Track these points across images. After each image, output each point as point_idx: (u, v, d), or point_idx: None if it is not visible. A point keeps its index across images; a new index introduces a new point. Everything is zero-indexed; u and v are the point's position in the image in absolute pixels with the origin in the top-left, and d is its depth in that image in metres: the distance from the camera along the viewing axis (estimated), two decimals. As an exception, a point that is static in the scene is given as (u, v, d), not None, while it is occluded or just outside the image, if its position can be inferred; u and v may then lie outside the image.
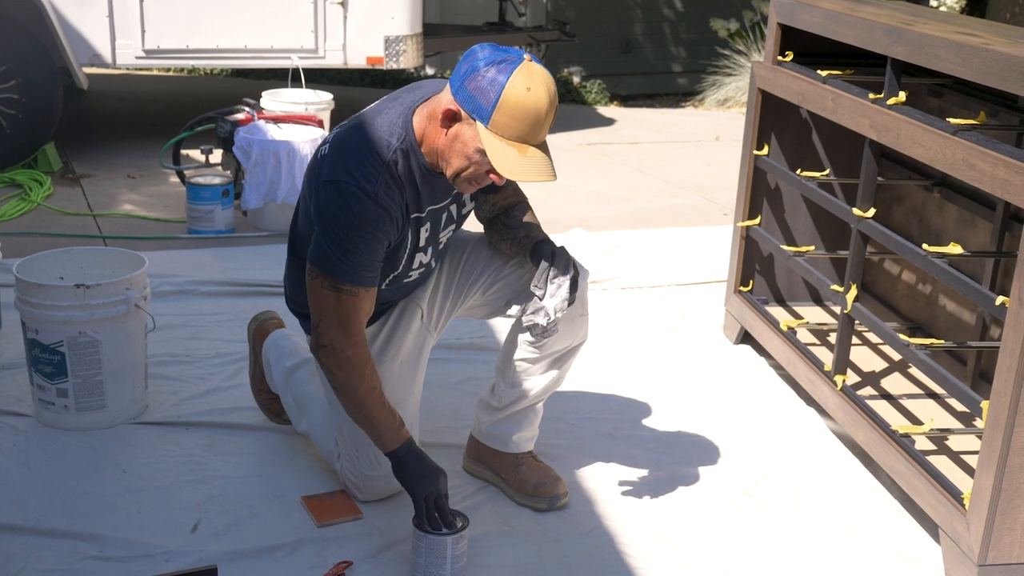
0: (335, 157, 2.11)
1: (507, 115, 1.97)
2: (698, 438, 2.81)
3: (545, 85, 1.98)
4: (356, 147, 2.10)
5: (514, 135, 1.98)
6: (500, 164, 1.99)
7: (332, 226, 2.07)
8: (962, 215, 3.00)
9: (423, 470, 2.15)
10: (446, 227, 2.29)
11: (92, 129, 5.96)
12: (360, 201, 2.05)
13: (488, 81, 1.97)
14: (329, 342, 2.12)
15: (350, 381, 2.13)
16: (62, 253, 2.84)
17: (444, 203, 2.23)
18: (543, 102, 1.97)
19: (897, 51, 2.49)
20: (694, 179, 5.65)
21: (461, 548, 2.13)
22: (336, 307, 2.10)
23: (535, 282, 2.20)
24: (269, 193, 4.23)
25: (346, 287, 2.09)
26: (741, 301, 3.34)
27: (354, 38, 5.45)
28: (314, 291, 2.12)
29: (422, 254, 2.26)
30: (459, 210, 2.30)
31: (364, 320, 2.14)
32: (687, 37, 9.32)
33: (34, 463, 2.53)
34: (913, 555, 2.35)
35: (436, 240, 2.29)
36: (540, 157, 2.01)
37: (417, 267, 2.28)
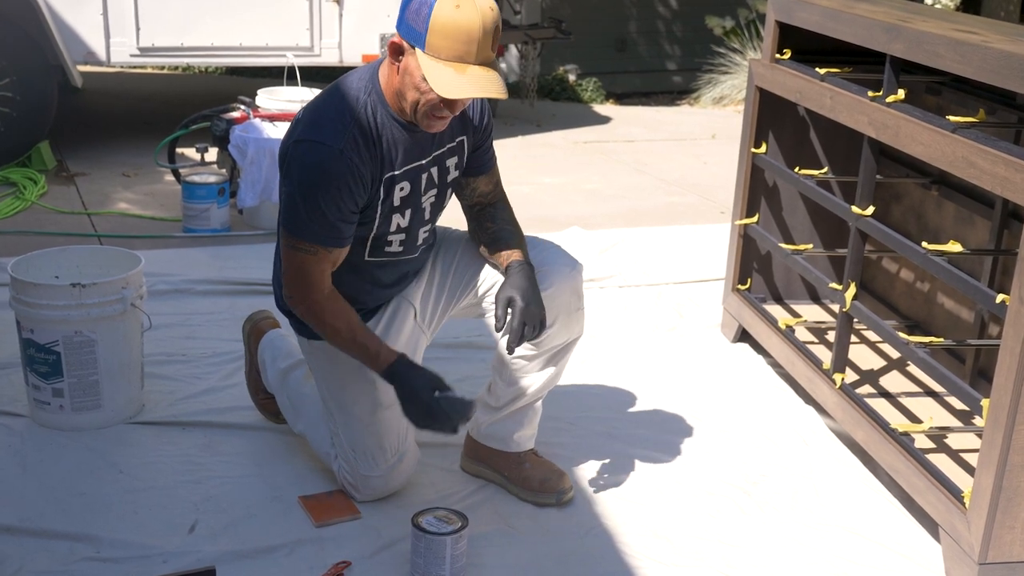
0: (305, 119, 2.13)
1: (439, 35, 1.96)
2: (697, 437, 2.81)
3: (477, 4, 1.96)
4: (326, 106, 2.12)
5: (450, 55, 1.97)
6: (437, 84, 1.98)
7: (296, 185, 2.09)
8: (960, 213, 3.00)
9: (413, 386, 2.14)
10: (428, 191, 2.26)
11: (87, 127, 5.94)
12: (326, 159, 2.06)
13: (419, 4, 1.98)
14: (291, 293, 2.19)
15: (317, 328, 2.20)
16: (57, 252, 2.82)
17: (423, 162, 2.21)
18: (474, 18, 1.95)
19: (896, 48, 2.48)
20: (690, 177, 5.64)
21: (460, 548, 2.12)
22: (296, 263, 2.14)
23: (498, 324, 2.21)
24: (265, 191, 4.22)
25: (304, 245, 2.11)
26: (739, 299, 3.34)
27: (349, 36, 5.44)
28: (282, 246, 2.18)
29: (399, 216, 2.23)
30: (441, 175, 2.27)
31: (321, 276, 2.15)
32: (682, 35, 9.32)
33: (29, 463, 2.51)
34: (913, 553, 2.35)
35: (417, 204, 2.25)
36: (481, 74, 1.98)
37: (396, 231, 2.25)
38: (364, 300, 2.34)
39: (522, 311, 2.18)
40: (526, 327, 2.19)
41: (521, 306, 2.19)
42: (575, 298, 2.33)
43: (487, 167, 2.36)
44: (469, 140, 2.28)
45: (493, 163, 2.38)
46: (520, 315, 2.18)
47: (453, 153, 2.27)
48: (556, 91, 8.18)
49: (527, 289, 2.21)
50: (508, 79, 8.01)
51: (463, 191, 2.37)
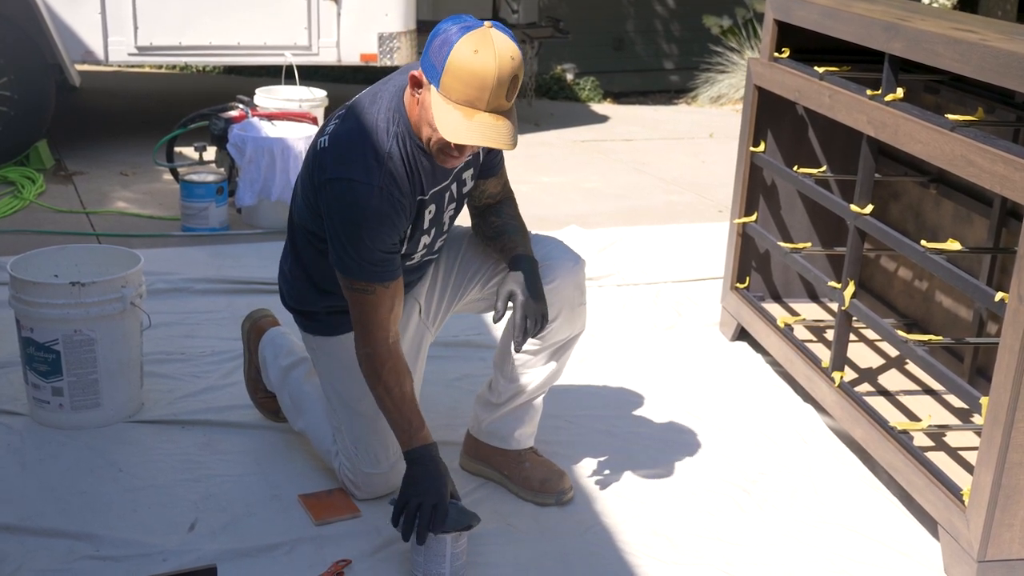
0: (335, 152, 2.09)
1: (453, 77, 1.94)
2: (696, 435, 2.81)
3: (497, 51, 1.93)
4: (355, 140, 2.09)
5: (461, 98, 1.95)
6: (441, 125, 1.96)
7: (339, 225, 2.07)
8: (959, 211, 3.00)
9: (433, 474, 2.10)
10: (448, 206, 2.27)
11: (85, 126, 5.93)
12: (366, 197, 2.04)
13: (440, 44, 1.96)
14: (357, 337, 2.15)
15: (369, 378, 2.15)
16: (56, 251, 2.82)
17: (446, 183, 2.22)
18: (490, 66, 1.93)
19: (895, 47, 2.48)
20: (688, 176, 5.64)
21: (461, 546, 2.12)
22: (356, 305, 2.12)
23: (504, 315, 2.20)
24: (263, 190, 4.21)
25: (359, 284, 2.09)
26: (737, 298, 3.34)
27: (348, 35, 5.43)
28: (343, 289, 2.14)
29: (425, 236, 2.25)
30: (459, 189, 2.28)
31: (384, 316, 2.12)
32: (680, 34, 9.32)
33: (29, 462, 2.51)
34: (912, 551, 2.35)
35: (440, 221, 2.27)
36: (489, 122, 1.96)
37: (421, 249, 2.26)
38: None
39: (523, 305, 2.18)
40: (528, 320, 2.18)
41: (522, 300, 2.18)
42: (578, 293, 2.34)
43: (496, 169, 2.36)
44: (483, 148, 2.28)
45: (502, 164, 2.38)
46: (521, 309, 2.18)
47: (469, 166, 2.28)
48: (554, 90, 8.19)
49: (529, 283, 2.21)
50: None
51: (473, 194, 2.37)
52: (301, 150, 4.22)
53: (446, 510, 2.08)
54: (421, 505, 2.07)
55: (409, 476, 2.12)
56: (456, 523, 2.09)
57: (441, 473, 2.11)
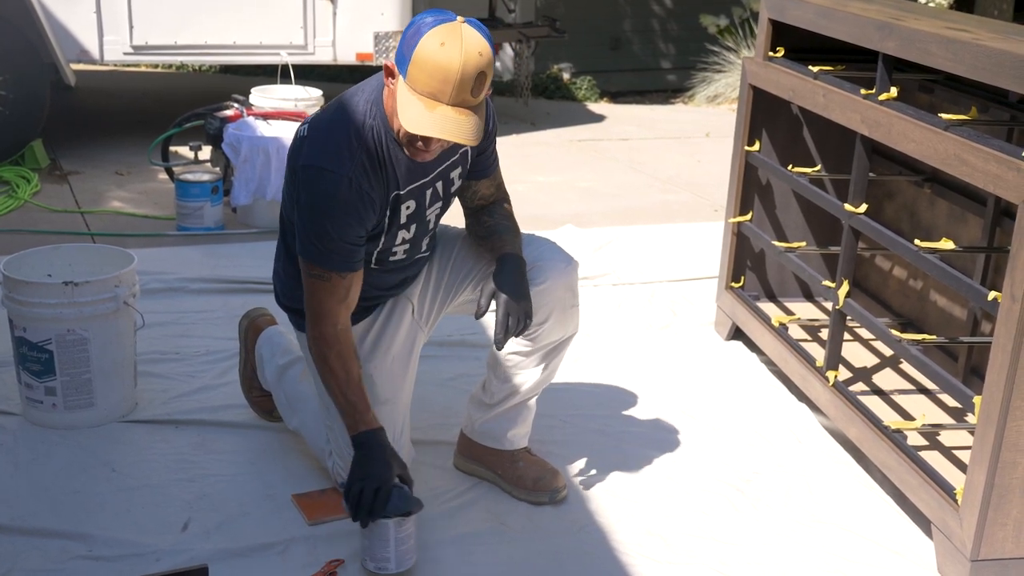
0: (313, 139, 2.11)
1: (418, 68, 1.94)
2: (690, 434, 2.81)
3: (464, 46, 1.92)
4: (331, 129, 2.10)
5: (424, 90, 1.95)
6: (402, 115, 1.97)
7: (307, 211, 2.09)
8: (953, 211, 3.00)
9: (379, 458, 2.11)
10: (432, 204, 2.26)
11: (80, 126, 5.93)
12: (335, 187, 2.05)
13: (412, 34, 1.96)
14: (308, 319, 2.17)
15: (316, 362, 2.17)
16: (50, 250, 2.82)
17: (428, 179, 2.21)
18: (454, 59, 1.92)
19: (888, 46, 2.48)
20: (684, 175, 5.64)
21: (405, 531, 2.11)
22: (311, 289, 2.14)
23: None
24: (258, 189, 4.21)
25: (316, 270, 2.11)
26: (732, 297, 3.34)
27: (343, 34, 5.43)
28: (302, 272, 2.17)
29: (404, 231, 2.24)
30: (446, 187, 2.27)
31: (336, 304, 2.13)
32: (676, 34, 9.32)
33: (22, 462, 2.51)
34: (905, 550, 2.35)
35: (422, 218, 2.26)
36: (451, 115, 1.94)
37: (400, 243, 2.26)
38: (365, 299, 2.34)
39: (506, 303, 2.18)
40: (510, 319, 2.18)
41: (505, 298, 2.18)
42: (569, 295, 2.33)
43: (489, 171, 2.35)
44: (473, 148, 2.27)
45: (496, 167, 2.37)
46: (504, 307, 2.18)
47: (456, 164, 2.27)
48: (550, 89, 8.18)
49: (513, 281, 2.20)
50: (502, 77, 8.00)
51: (465, 194, 2.37)
52: (296, 149, 4.21)
53: (388, 494, 2.07)
54: (363, 490, 2.06)
55: (355, 461, 2.12)
56: (396, 508, 2.08)
57: (386, 458, 2.11)
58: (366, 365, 2.32)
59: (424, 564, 2.21)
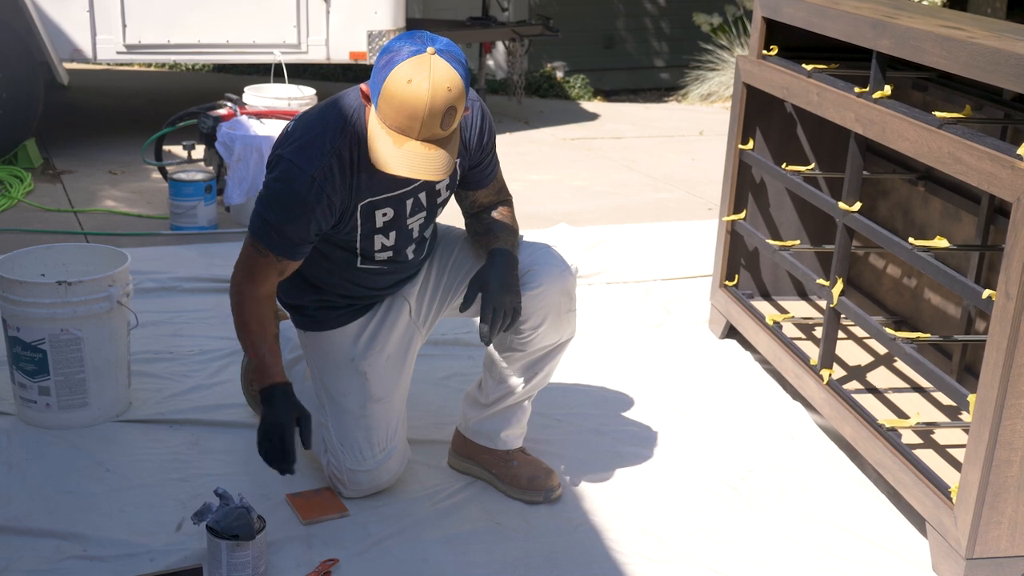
0: (293, 133, 2.14)
1: (386, 104, 1.94)
2: (684, 433, 2.81)
3: (433, 80, 1.90)
4: (312, 127, 2.12)
5: (393, 124, 1.95)
6: (371, 151, 1.98)
7: (266, 195, 2.13)
8: (947, 209, 3.01)
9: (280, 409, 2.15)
10: (414, 214, 2.26)
11: (73, 125, 5.91)
12: (297, 182, 2.07)
13: (384, 64, 1.96)
14: (234, 278, 2.20)
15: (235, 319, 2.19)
16: (43, 250, 2.81)
17: (408, 188, 2.20)
18: (421, 97, 1.90)
19: (882, 44, 2.49)
20: (678, 174, 5.65)
21: (241, 558, 2.05)
22: (248, 256, 2.17)
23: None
24: (252, 189, 4.20)
25: (258, 245, 2.14)
26: (726, 296, 3.34)
27: (337, 33, 5.42)
28: (246, 237, 2.19)
29: (383, 237, 2.24)
30: (431, 199, 2.27)
31: (268, 279, 2.17)
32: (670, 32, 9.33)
33: (16, 461, 2.50)
34: (900, 549, 2.36)
35: (402, 226, 2.25)
36: (419, 152, 1.94)
37: (381, 249, 2.26)
38: (360, 298, 2.34)
39: (491, 296, 2.18)
40: (495, 313, 2.18)
41: (491, 291, 2.18)
42: (565, 299, 2.32)
43: (486, 182, 2.34)
44: (464, 161, 2.26)
45: (494, 176, 2.35)
46: (490, 300, 2.18)
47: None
48: (544, 88, 8.18)
49: (500, 275, 2.20)
50: (495, 76, 8.00)
51: (463, 202, 2.37)
52: (290, 148, 4.20)
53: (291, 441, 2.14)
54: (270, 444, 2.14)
55: (263, 416, 2.17)
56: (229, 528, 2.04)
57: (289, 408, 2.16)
58: (360, 362, 2.32)
59: (418, 563, 2.20)
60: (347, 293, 2.32)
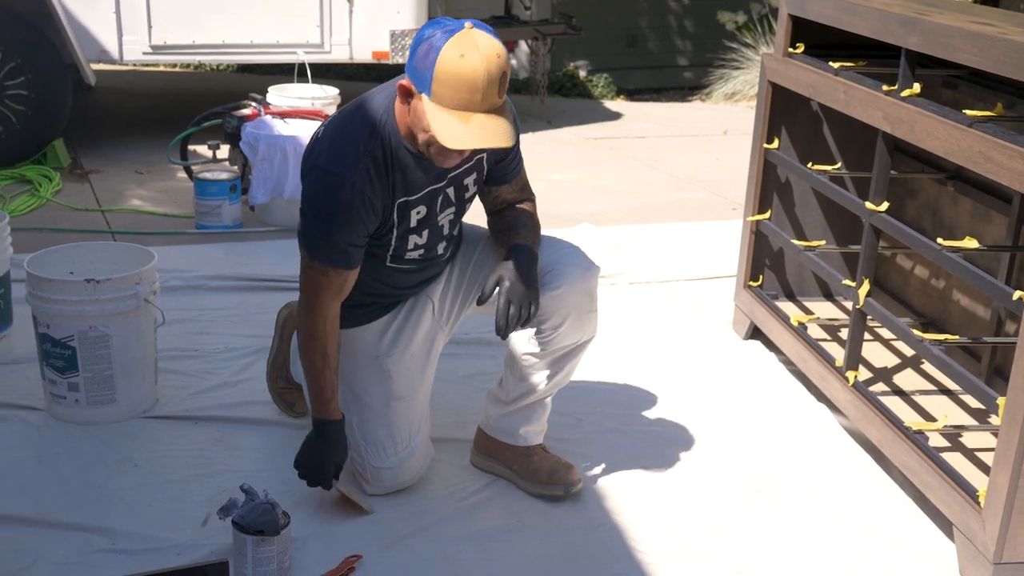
0: (323, 142, 2.15)
1: (443, 84, 1.96)
2: (708, 434, 2.80)
3: (482, 51, 1.95)
4: (343, 133, 2.14)
5: (454, 103, 1.97)
6: (441, 134, 1.99)
7: (310, 208, 2.14)
8: (976, 209, 2.98)
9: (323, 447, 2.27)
10: (444, 210, 2.27)
11: (100, 125, 5.96)
12: (336, 188, 2.09)
13: (425, 52, 1.98)
14: (302, 303, 2.23)
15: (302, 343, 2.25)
16: (72, 248, 2.84)
17: (439, 185, 2.22)
18: (478, 68, 1.94)
19: (911, 42, 2.47)
20: (702, 173, 5.63)
21: (266, 553, 2.07)
22: (306, 280, 2.19)
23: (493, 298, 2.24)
24: (276, 188, 4.22)
25: (316, 264, 2.16)
26: (750, 296, 3.33)
27: (360, 33, 5.44)
28: (301, 262, 2.22)
29: (416, 236, 2.26)
30: (459, 194, 2.28)
31: (331, 298, 2.19)
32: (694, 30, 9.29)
33: (45, 456, 2.52)
34: (926, 552, 2.34)
35: (434, 223, 2.27)
36: (486, 123, 1.98)
37: (413, 248, 2.27)
38: (385, 297, 2.35)
39: (508, 290, 2.18)
40: (512, 306, 2.17)
41: (508, 285, 2.18)
42: (586, 299, 2.32)
43: (510, 177, 2.35)
44: (490, 156, 2.28)
45: (517, 172, 2.37)
46: (506, 294, 2.18)
47: (471, 171, 2.28)
48: (566, 87, 8.17)
49: (518, 269, 2.21)
50: (518, 75, 8.00)
51: (486, 198, 2.38)
52: (314, 147, 4.22)
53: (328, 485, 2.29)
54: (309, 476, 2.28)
55: (309, 443, 2.29)
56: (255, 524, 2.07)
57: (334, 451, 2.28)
58: (384, 360, 2.33)
59: (440, 562, 2.21)
60: (373, 292, 2.33)
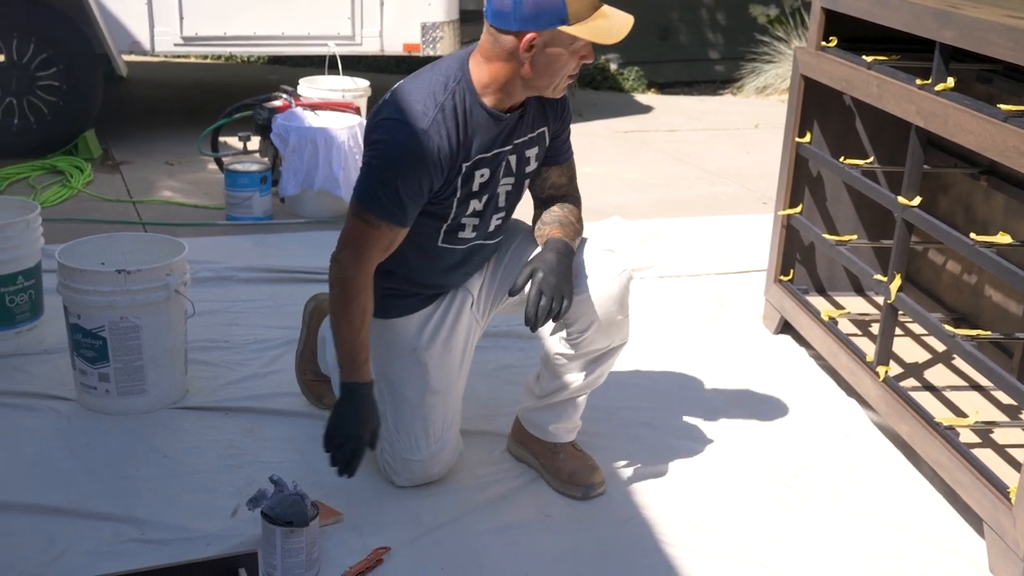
0: (393, 100, 2.16)
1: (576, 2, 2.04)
2: (737, 428, 2.79)
3: None
4: (415, 87, 2.15)
5: (589, 11, 2.07)
6: (600, 37, 2.07)
7: (376, 158, 2.12)
8: (1010, 204, 2.94)
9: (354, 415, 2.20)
10: (504, 178, 2.27)
11: (131, 116, 6.01)
12: (409, 137, 2.09)
13: None
14: (340, 258, 2.18)
15: (338, 299, 2.18)
16: (103, 239, 2.86)
17: (504, 149, 2.23)
18: None
19: (946, 36, 2.44)
20: (732, 167, 5.59)
21: (295, 544, 2.07)
22: (357, 232, 2.15)
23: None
24: (306, 180, 4.24)
25: (370, 217, 2.13)
26: (781, 290, 3.30)
27: (391, 25, 5.44)
28: (348, 214, 2.19)
29: (476, 201, 2.25)
30: (520, 166, 2.29)
31: (378, 253, 2.16)
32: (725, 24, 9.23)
33: (76, 446, 2.55)
34: (956, 548, 2.32)
35: (494, 191, 2.27)
36: (614, 12, 2.11)
37: (470, 215, 2.27)
38: (428, 287, 2.36)
39: (539, 281, 2.17)
40: (543, 298, 2.16)
41: (540, 276, 2.17)
42: (615, 306, 2.29)
43: (562, 158, 2.37)
44: (549, 129, 2.30)
45: (569, 156, 2.39)
46: (537, 285, 2.17)
47: (534, 143, 2.28)
48: (597, 80, 8.14)
49: (554, 263, 2.20)
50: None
51: (536, 181, 2.38)
52: (344, 140, 4.24)
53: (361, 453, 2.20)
54: (340, 446, 2.19)
55: (339, 411, 2.21)
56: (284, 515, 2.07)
57: (368, 416, 2.20)
58: (422, 354, 2.33)
59: (467, 554, 2.21)
60: (418, 280, 2.33)
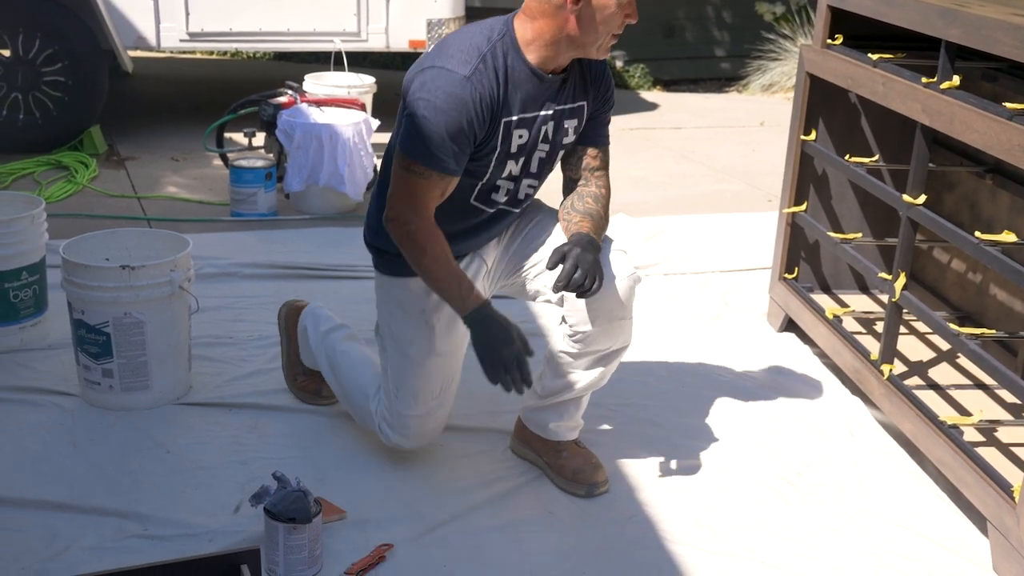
0: (436, 49, 2.17)
1: None
2: (741, 426, 2.79)
3: None
4: (458, 40, 2.17)
5: None
6: None
7: (417, 106, 2.11)
8: (1015, 202, 2.94)
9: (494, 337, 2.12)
10: (541, 143, 2.27)
11: (136, 112, 6.01)
12: (450, 84, 2.09)
13: None
14: (396, 215, 2.17)
15: (413, 253, 2.17)
16: (107, 234, 2.87)
17: (543, 113, 2.23)
18: None
19: (951, 34, 2.43)
20: (738, 165, 5.58)
21: (297, 540, 2.07)
22: (406, 184, 2.15)
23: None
24: (311, 176, 4.24)
25: (418, 167, 2.13)
26: (785, 288, 3.30)
27: (396, 21, 5.44)
28: (394, 168, 2.18)
29: (512, 162, 2.25)
30: (556, 135, 2.29)
31: (432, 201, 2.16)
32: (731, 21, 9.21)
33: (80, 442, 2.56)
34: (959, 547, 2.31)
35: (529, 154, 2.26)
36: None
37: (507, 177, 2.27)
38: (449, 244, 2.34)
39: (577, 256, 2.13)
40: (578, 271, 2.12)
41: (578, 251, 2.14)
42: (619, 306, 2.28)
43: (599, 141, 2.38)
44: (589, 105, 2.31)
45: (606, 142, 2.40)
46: (574, 259, 2.13)
47: (573, 115, 2.29)
48: (602, 77, 8.13)
49: (586, 247, 2.17)
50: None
51: (569, 160, 2.38)
52: (349, 136, 4.24)
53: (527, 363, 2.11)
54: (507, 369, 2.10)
55: (480, 342, 2.13)
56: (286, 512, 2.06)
57: (507, 328, 2.13)
58: (431, 316, 2.33)
59: (471, 550, 2.21)
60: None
